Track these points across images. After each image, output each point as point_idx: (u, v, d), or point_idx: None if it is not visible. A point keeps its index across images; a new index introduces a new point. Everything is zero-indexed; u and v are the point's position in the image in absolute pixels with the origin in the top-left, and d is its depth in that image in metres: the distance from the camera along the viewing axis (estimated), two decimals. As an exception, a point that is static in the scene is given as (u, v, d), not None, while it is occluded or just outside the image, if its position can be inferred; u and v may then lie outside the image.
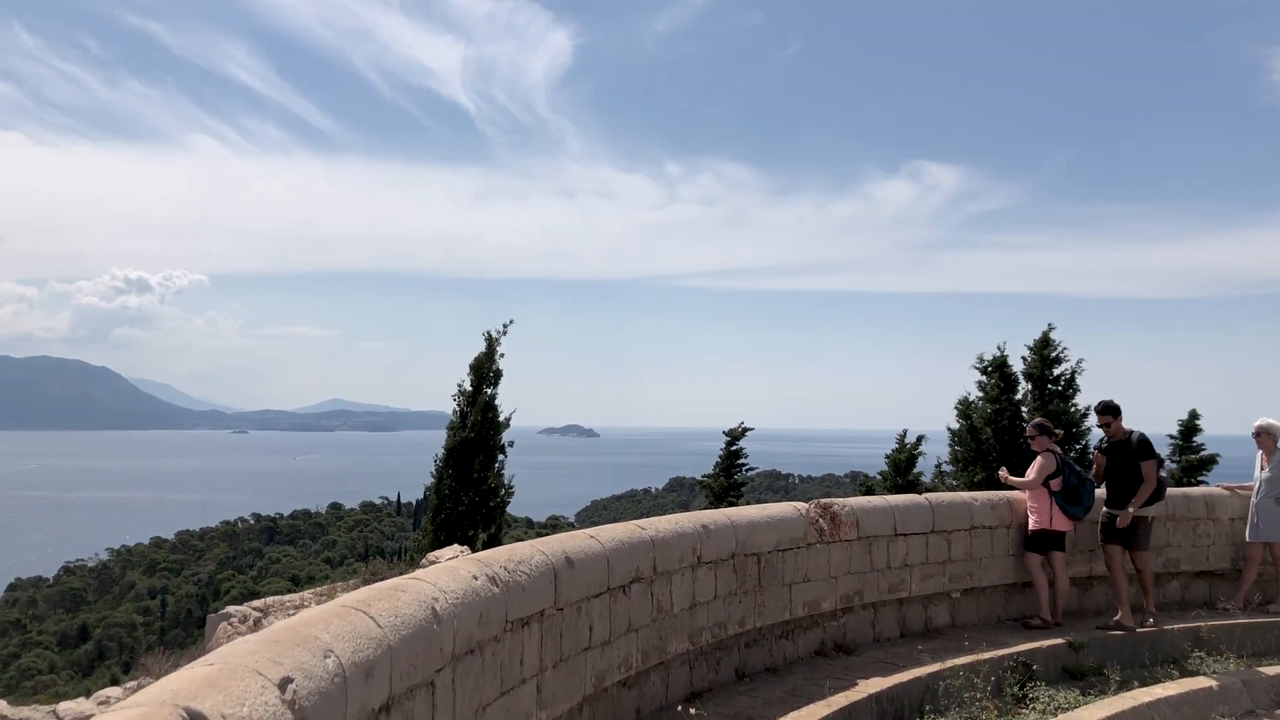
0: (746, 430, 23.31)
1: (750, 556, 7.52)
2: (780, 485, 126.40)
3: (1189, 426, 22.28)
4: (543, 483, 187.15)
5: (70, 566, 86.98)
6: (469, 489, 13.50)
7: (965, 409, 21.08)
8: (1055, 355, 21.05)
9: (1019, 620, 9.57)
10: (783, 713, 6.59)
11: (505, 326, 14.64)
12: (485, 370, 14.18)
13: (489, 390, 14.12)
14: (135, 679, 8.79)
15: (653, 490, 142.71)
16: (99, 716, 2.88)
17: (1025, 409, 20.55)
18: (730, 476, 23.02)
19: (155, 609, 75.81)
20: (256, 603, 8.17)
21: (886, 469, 21.70)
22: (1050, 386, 20.90)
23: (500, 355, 14.36)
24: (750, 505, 8.98)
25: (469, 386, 14.17)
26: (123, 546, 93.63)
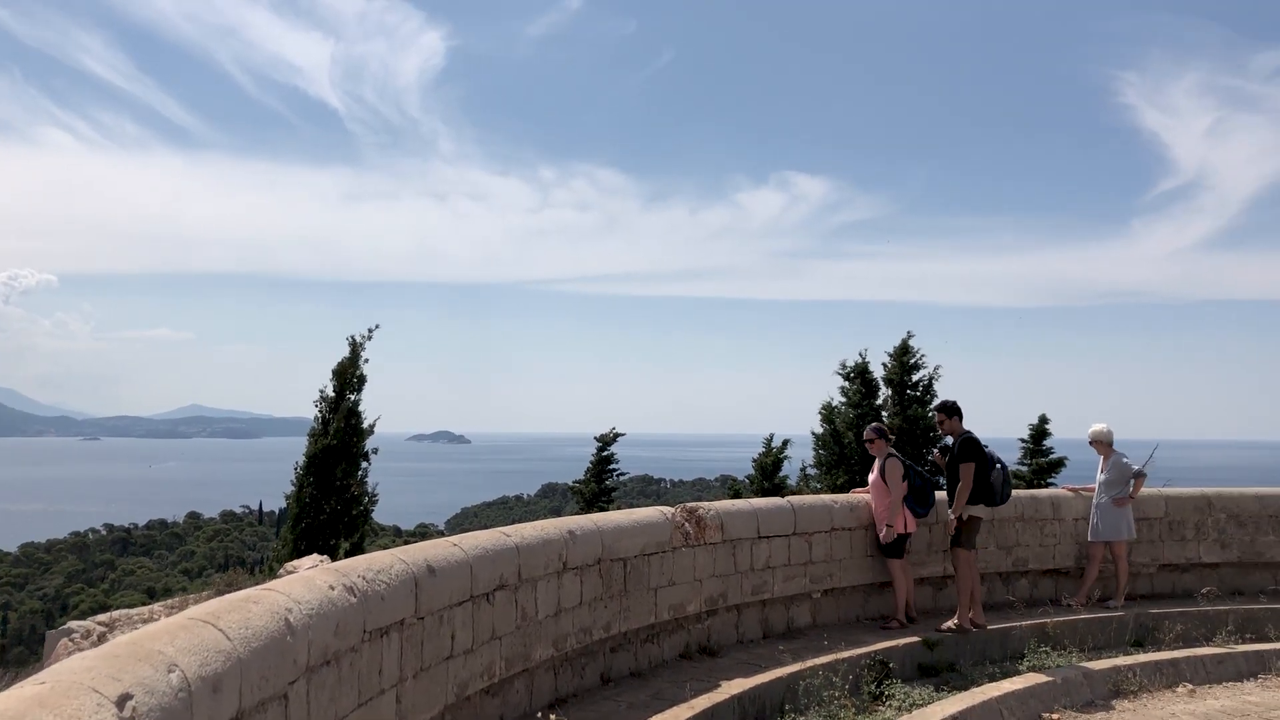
0: (618, 435, 23.46)
1: (616, 561, 7.56)
2: (652, 490, 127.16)
3: (1039, 431, 23.41)
4: (412, 490, 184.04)
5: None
6: (331, 497, 13.21)
7: (829, 414, 21.68)
8: (914, 362, 21.84)
9: (878, 620, 9.84)
10: (646, 716, 6.64)
11: (370, 331, 14.43)
12: (348, 376, 13.91)
13: (352, 396, 13.86)
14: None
15: (525, 497, 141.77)
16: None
17: (885, 414, 21.22)
18: (601, 482, 23.11)
19: (-6, 627, 71.71)
20: (102, 617, 7.78)
21: (754, 473, 22.13)
22: (909, 392, 21.67)
23: (365, 360, 14.13)
24: (619, 510, 9.03)
25: (331, 392, 13.87)
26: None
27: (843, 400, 21.67)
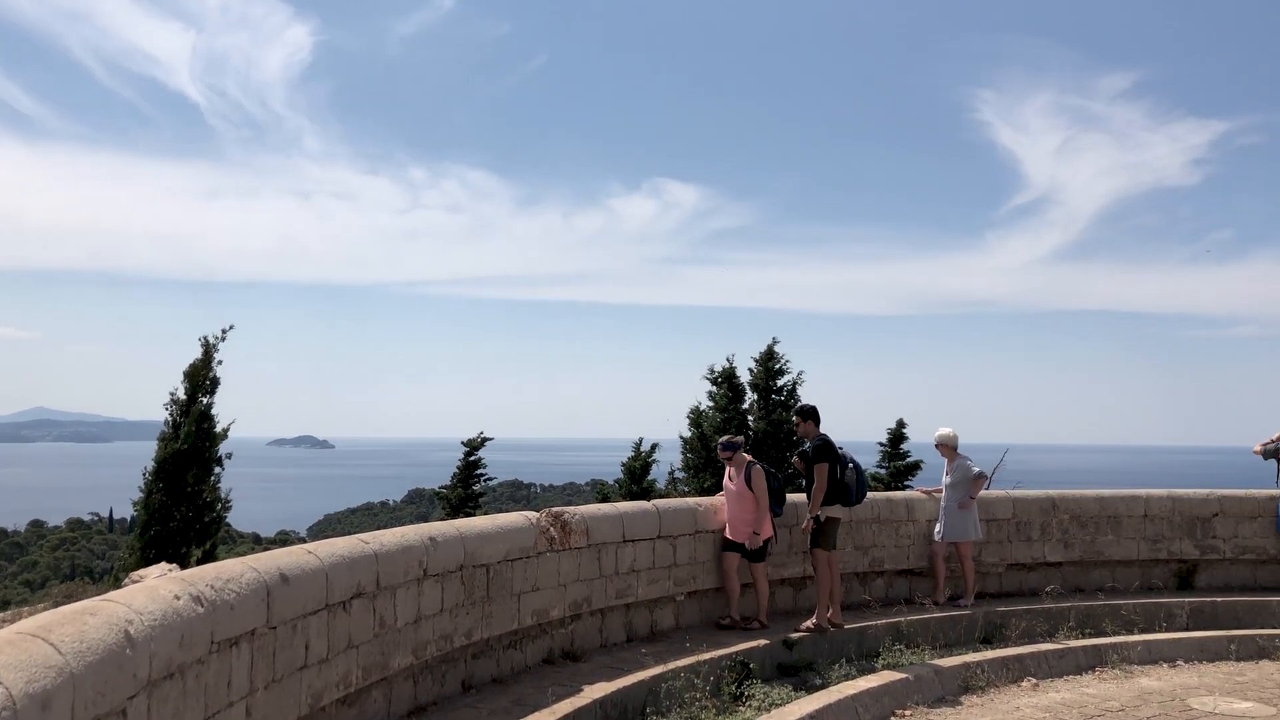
0: (486, 440, 23.23)
1: (479, 568, 7.48)
2: (522, 495, 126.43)
3: (896, 434, 24.23)
4: (273, 496, 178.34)
5: None
6: (182, 504, 12.71)
7: (697, 418, 21.99)
8: (779, 367, 22.35)
9: (739, 622, 9.98)
10: (507, 722, 6.60)
11: (224, 331, 13.97)
12: (200, 378, 13.42)
13: (205, 399, 13.37)
14: None
15: (390, 503, 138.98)
16: None
17: (751, 418, 21.63)
18: (469, 487, 22.85)
19: None
20: (-74, 634, 7.31)
21: (623, 476, 22.25)
22: (774, 397, 22.15)
23: (219, 362, 13.65)
24: (483, 516, 8.94)
25: (183, 395, 13.35)
26: None
27: (710, 405, 22.02)
